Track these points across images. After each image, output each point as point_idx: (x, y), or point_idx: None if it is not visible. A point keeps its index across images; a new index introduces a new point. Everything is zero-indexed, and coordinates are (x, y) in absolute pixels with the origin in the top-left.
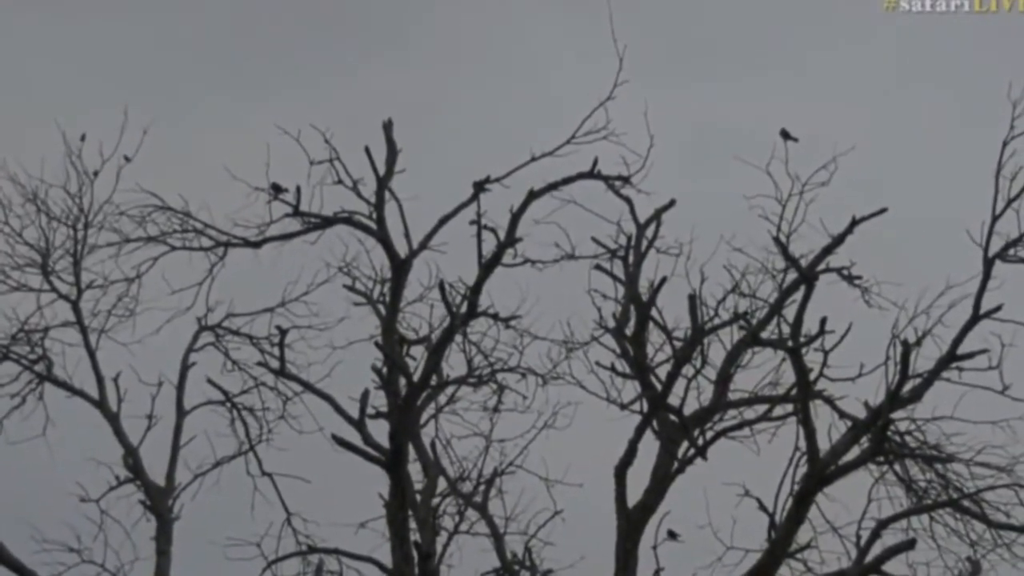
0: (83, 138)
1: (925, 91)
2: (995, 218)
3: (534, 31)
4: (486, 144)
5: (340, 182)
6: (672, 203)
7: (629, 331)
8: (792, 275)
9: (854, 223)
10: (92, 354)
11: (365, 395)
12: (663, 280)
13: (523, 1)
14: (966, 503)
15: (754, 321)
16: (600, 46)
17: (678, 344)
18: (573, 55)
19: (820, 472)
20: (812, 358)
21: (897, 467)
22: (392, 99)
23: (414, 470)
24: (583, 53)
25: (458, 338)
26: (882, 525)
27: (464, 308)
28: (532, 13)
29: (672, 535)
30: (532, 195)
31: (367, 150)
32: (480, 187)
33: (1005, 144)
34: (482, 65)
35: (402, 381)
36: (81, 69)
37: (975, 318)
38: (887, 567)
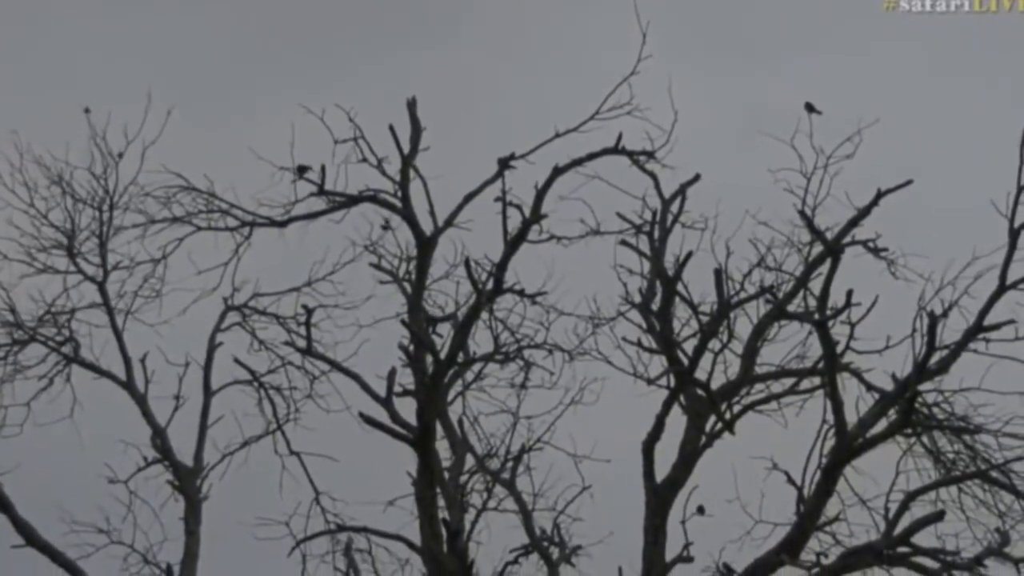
0: (87, 110)
1: (944, 79)
2: (1021, 188)
3: (584, 11)
4: (525, 123)
5: (365, 160)
6: (697, 177)
7: (655, 306)
8: (818, 248)
9: (879, 195)
10: (119, 335)
11: (392, 373)
12: (689, 255)
13: None
14: (994, 474)
15: (780, 295)
16: (652, 29)
17: (704, 318)
18: (620, 37)
19: (848, 445)
20: (839, 331)
21: (925, 439)
22: (428, 79)
23: (442, 447)
24: (631, 35)
25: (484, 315)
26: (910, 497)
27: (490, 285)
28: None
29: (701, 510)
30: (557, 171)
31: (391, 128)
32: (505, 164)
33: None
34: (527, 48)
35: (429, 359)
36: (108, 53)
37: (1001, 289)
38: (916, 539)
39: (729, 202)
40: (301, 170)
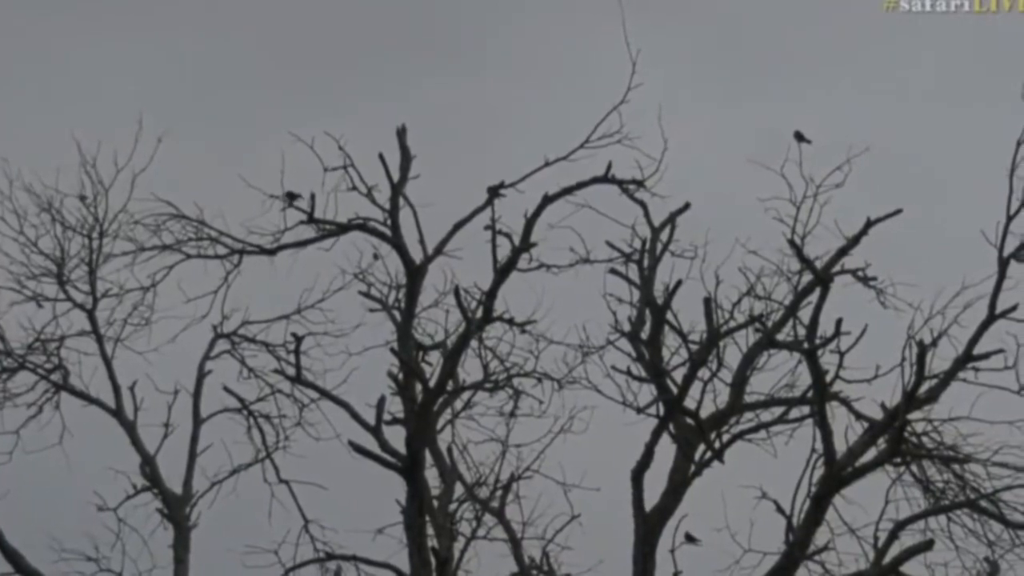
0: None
1: (935, 93)
2: (1010, 218)
3: (591, 39)
4: (522, 151)
5: (355, 189)
6: (687, 206)
7: (645, 335)
8: (807, 277)
9: (869, 224)
10: (108, 363)
11: (381, 401)
12: (678, 283)
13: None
14: (983, 503)
15: (770, 323)
16: (669, 61)
17: (694, 347)
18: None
19: (837, 474)
20: (828, 360)
21: (914, 468)
22: (419, 108)
23: (431, 476)
24: (647, 64)
25: (474, 343)
26: (900, 526)
27: (479, 313)
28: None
29: (690, 538)
30: (547, 200)
31: (381, 156)
32: (495, 192)
33: (1019, 144)
34: (527, 76)
35: (418, 387)
36: (98, 79)
37: (991, 318)
38: (905, 568)
39: (730, 222)
40: (290, 197)
